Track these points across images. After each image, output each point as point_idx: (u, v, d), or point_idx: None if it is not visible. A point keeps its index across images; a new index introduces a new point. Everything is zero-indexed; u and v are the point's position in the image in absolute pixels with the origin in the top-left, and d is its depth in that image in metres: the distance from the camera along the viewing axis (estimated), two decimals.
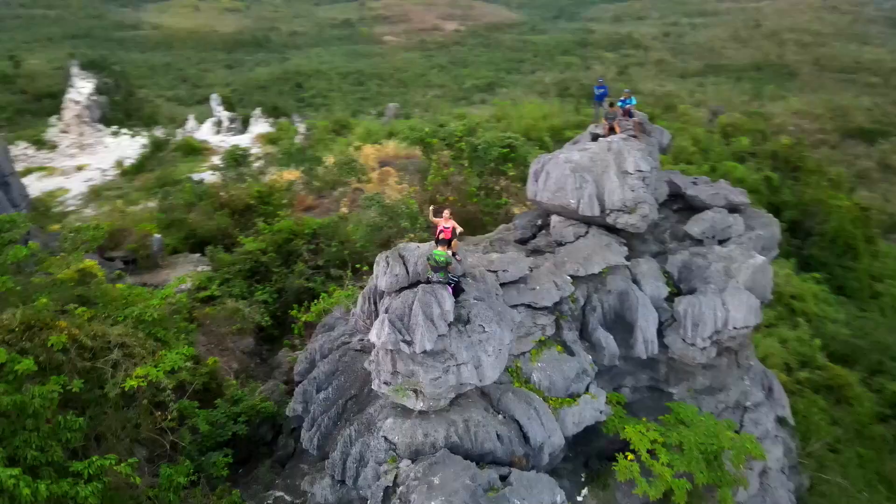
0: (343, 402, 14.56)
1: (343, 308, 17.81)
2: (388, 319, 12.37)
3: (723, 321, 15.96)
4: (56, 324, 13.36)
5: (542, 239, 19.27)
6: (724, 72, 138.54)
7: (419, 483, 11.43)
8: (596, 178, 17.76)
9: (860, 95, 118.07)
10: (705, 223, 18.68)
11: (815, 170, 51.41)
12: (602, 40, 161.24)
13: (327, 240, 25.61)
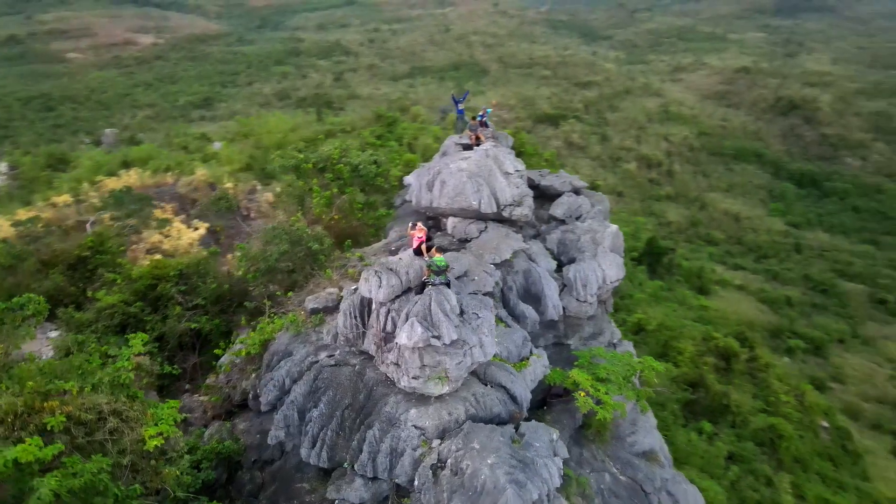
0: (341, 413, 15.55)
1: (290, 333, 18.09)
2: (416, 321, 14.26)
3: (602, 279, 20.52)
4: (47, 404, 12.35)
5: (441, 239, 21.54)
6: (429, 72, 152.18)
7: (464, 451, 13.38)
8: (487, 181, 21.05)
9: (539, 86, 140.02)
10: (564, 206, 23.10)
11: (533, 153, 61.76)
12: (312, 48, 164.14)
13: (200, 278, 23.84)
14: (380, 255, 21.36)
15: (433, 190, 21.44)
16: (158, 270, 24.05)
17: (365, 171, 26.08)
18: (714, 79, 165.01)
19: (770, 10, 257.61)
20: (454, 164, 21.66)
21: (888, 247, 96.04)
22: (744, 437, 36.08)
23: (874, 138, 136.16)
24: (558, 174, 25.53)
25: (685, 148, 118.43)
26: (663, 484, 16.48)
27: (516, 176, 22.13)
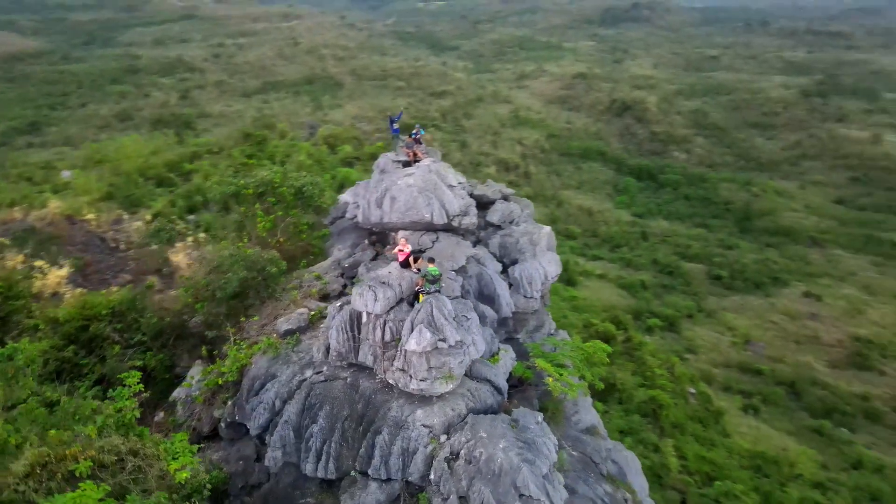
0: (341, 425, 16.16)
1: (269, 356, 18.06)
2: (423, 327, 15.40)
3: (544, 276, 22.26)
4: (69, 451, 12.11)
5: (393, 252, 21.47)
6: (282, 87, 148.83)
7: (474, 441, 14.71)
8: (435, 194, 22.11)
9: (395, 97, 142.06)
10: (499, 212, 24.47)
11: None
12: (152, 65, 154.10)
13: (137, 313, 21.94)
14: (332, 273, 21.83)
15: (383, 206, 22.15)
16: (88, 310, 22.35)
17: (310, 193, 25.89)
18: (555, 84, 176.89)
19: (597, 20, 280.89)
20: (402, 181, 22.45)
21: (717, 229, 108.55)
22: (630, 411, 39.55)
23: (695, 133, 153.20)
24: (487, 184, 26.97)
25: (538, 150, 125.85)
26: (608, 454, 18.38)
27: (460, 188, 23.69)
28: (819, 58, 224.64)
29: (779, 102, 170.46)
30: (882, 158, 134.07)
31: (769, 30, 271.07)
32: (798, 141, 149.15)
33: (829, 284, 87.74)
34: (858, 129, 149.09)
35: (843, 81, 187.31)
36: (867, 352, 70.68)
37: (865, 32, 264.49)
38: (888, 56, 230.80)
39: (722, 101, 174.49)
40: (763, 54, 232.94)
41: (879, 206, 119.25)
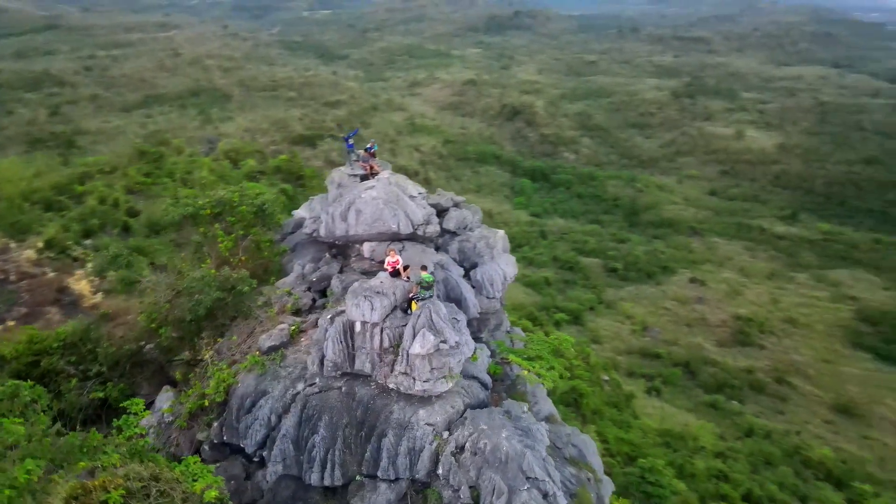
0: (342, 433, 16.59)
1: (255, 374, 18.03)
2: (426, 331, 16.20)
3: (504, 277, 23.24)
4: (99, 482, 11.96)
5: (361, 262, 22.70)
6: (166, 101, 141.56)
7: (478, 433, 15.77)
8: (399, 205, 22.64)
9: (288, 108, 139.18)
10: (455, 219, 25.06)
11: (313, 175, 61.94)
12: (14, 80, 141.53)
13: (91, 343, 20.79)
14: (298, 288, 21.73)
15: (348, 219, 22.47)
16: (37, 345, 21.02)
17: (271, 211, 25.58)
18: (447, 91, 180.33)
19: (481, 28, 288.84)
20: (365, 194, 22.74)
21: (608, 224, 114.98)
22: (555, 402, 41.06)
23: (581, 135, 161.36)
24: (438, 193, 27.54)
25: (435, 156, 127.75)
26: (568, 439, 19.46)
27: (420, 198, 24.23)
28: (685, 61, 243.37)
29: (653, 103, 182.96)
30: (745, 152, 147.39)
31: (639, 36, 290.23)
32: (673, 139, 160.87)
33: (710, 270, 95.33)
34: (723, 127, 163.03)
35: (707, 83, 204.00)
36: (748, 329, 77.58)
37: (723, 38, 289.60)
38: (743, 59, 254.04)
39: (603, 104, 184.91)
40: (636, 59, 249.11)
41: (746, 196, 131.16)
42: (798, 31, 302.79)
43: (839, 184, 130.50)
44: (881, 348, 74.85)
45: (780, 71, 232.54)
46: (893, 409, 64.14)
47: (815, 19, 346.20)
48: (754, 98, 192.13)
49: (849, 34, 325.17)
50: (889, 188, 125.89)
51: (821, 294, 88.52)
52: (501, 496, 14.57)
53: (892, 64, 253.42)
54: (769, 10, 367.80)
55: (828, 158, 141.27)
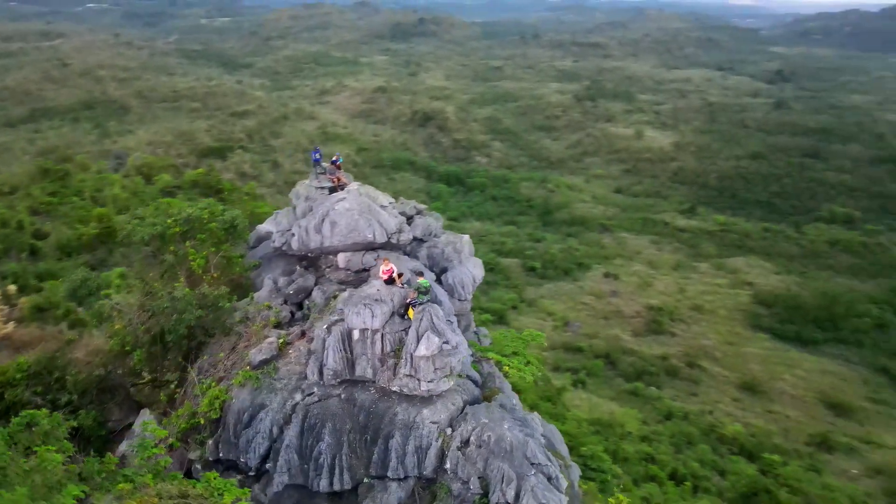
0: (346, 438, 17.06)
1: (250, 388, 18.06)
2: (430, 333, 16.98)
3: (473, 279, 23.90)
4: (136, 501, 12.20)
5: (337, 273, 22.86)
6: (55, 114, 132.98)
7: (480, 427, 16.72)
8: (373, 215, 22.93)
9: (193, 120, 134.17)
10: (421, 226, 25.47)
11: (233, 188, 59.95)
12: None
13: (59, 371, 19.89)
14: (274, 302, 21.80)
15: (323, 231, 22.62)
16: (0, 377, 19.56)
17: (242, 226, 25.29)
18: (357, 99, 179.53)
19: (387, 35, 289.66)
20: (339, 206, 22.95)
21: (524, 224, 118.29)
22: None
23: (492, 138, 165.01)
24: (401, 201, 27.55)
25: (350, 165, 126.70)
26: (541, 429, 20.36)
27: (391, 207, 24.77)
28: (584, 66, 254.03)
29: (558, 107, 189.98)
30: (646, 151, 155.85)
31: (540, 42, 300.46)
32: (578, 140, 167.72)
33: (622, 264, 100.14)
34: (624, 127, 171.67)
35: (605, 86, 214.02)
36: (660, 318, 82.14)
37: (617, 43, 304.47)
38: (637, 63, 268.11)
39: (511, 108, 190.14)
40: (538, 64, 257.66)
41: (649, 193, 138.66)
42: (684, 37, 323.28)
43: (730, 178, 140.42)
44: (777, 328, 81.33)
45: (670, 74, 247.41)
46: (791, 384, 69.84)
47: (698, 26, 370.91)
48: (650, 100, 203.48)
49: (728, 39, 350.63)
50: (773, 181, 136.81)
51: (721, 281, 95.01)
52: (511, 483, 15.63)
53: (767, 66, 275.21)
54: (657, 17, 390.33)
55: (718, 155, 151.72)
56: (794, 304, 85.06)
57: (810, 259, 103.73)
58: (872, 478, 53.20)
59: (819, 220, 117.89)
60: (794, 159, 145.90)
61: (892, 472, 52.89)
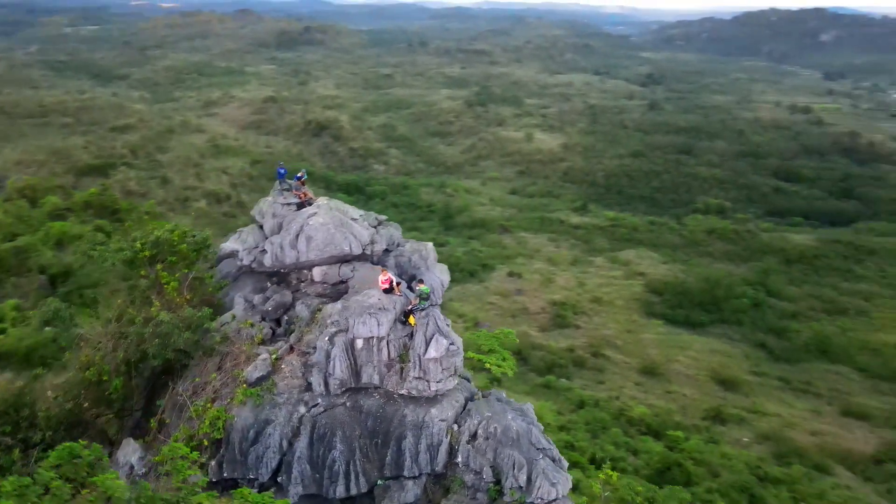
0: (357, 444, 17.69)
1: (251, 405, 18.09)
2: (438, 336, 18.17)
3: (441, 284, 24.48)
4: None
5: (314, 287, 23.24)
6: None
7: (485, 420, 18.12)
8: (347, 228, 23.41)
9: (67, 136, 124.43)
10: (384, 237, 25.63)
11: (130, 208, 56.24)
12: None
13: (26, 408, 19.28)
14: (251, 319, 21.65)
15: (298, 246, 22.86)
16: None
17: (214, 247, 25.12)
18: (246, 110, 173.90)
19: (272, 44, 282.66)
20: (313, 221, 23.38)
21: (427, 230, 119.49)
22: None
23: (388, 146, 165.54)
24: (362, 213, 27.48)
25: (246, 178, 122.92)
26: None
27: (362, 220, 25.38)
28: (472, 72, 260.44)
29: (450, 112, 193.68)
30: (536, 153, 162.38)
31: (428, 49, 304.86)
32: (472, 144, 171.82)
33: (524, 263, 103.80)
34: (515, 131, 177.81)
35: (494, 92, 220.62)
36: (563, 312, 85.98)
37: (501, 50, 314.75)
38: (521, 69, 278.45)
39: (404, 115, 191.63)
40: (428, 71, 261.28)
41: (542, 193, 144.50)
42: (563, 43, 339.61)
43: (615, 176, 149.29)
44: (668, 314, 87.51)
45: (553, 79, 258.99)
46: (685, 364, 75.45)
47: (575, 33, 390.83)
48: (536, 104, 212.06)
49: (603, 45, 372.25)
50: (653, 177, 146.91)
51: (616, 273, 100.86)
52: (522, 468, 17.16)
53: (639, 70, 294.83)
54: (537, 25, 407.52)
55: (603, 154, 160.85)
56: (681, 291, 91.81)
57: (691, 248, 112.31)
58: (762, 444, 58.60)
59: (696, 212, 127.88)
60: (670, 156, 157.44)
61: (778, 438, 58.50)
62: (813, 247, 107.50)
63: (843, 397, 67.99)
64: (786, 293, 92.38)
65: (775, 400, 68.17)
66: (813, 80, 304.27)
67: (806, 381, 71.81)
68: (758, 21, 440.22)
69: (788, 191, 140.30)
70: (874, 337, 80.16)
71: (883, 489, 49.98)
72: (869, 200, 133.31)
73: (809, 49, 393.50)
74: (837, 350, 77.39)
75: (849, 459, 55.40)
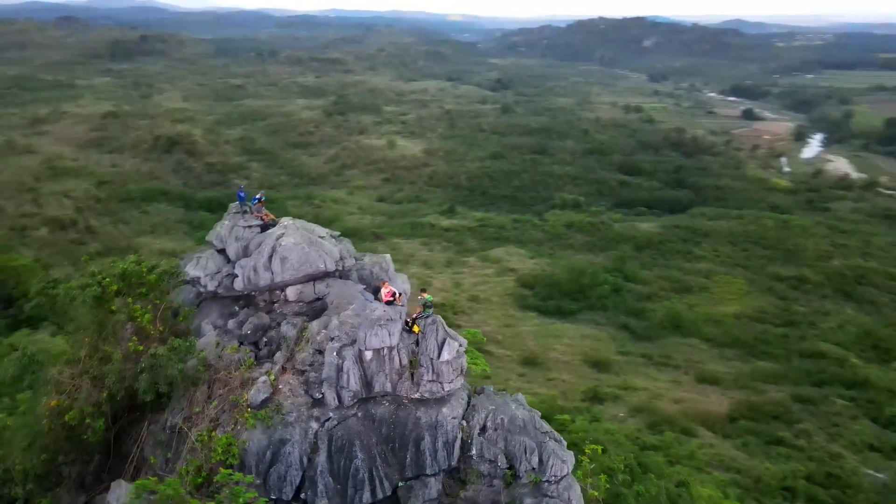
0: (377, 451, 18.42)
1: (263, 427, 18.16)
2: (449, 340, 19.33)
3: (405, 292, 24.24)
4: None
5: (289, 307, 23.24)
6: None
7: (491, 413, 19.54)
8: (319, 246, 23.64)
9: None
10: (345, 252, 25.26)
11: None
12: None
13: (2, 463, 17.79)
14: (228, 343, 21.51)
15: (273, 268, 22.86)
16: None
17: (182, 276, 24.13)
18: (83, 126, 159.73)
19: (106, 55, 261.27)
20: (284, 241, 23.36)
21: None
22: None
23: (248, 160, 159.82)
24: (325, 231, 27.35)
25: (92, 201, 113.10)
26: None
27: (328, 238, 25.54)
28: (327, 81, 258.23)
29: (310, 123, 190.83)
30: (400, 160, 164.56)
31: (279, 59, 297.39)
32: (335, 154, 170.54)
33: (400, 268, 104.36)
34: (377, 139, 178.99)
35: (352, 100, 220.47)
36: (444, 313, 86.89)
37: (354, 58, 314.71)
38: (376, 77, 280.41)
39: (262, 127, 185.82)
40: (281, 81, 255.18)
41: (410, 198, 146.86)
42: (415, 51, 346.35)
43: (478, 178, 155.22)
44: (541, 306, 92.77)
45: (408, 86, 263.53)
46: (561, 352, 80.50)
47: (425, 40, 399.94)
48: (395, 111, 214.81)
49: (453, 52, 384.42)
50: (513, 177, 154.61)
51: (489, 272, 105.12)
52: (534, 451, 18.95)
53: (488, 76, 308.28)
54: (387, 33, 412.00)
55: (464, 157, 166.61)
56: (550, 283, 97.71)
57: (554, 242, 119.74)
58: (635, 416, 64.15)
59: (554, 208, 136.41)
60: (526, 156, 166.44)
61: (649, 409, 64.32)
62: (658, 233, 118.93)
63: (696, 366, 76.01)
64: (640, 277, 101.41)
65: (642, 375, 74.79)
66: (640, 82, 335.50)
67: (665, 356, 79.35)
68: (589, 29, 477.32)
69: (632, 183, 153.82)
70: (715, 309, 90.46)
71: (739, 443, 56.80)
72: (698, 189, 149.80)
73: (634, 54, 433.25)
74: (687, 324, 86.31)
75: (708, 421, 62.24)
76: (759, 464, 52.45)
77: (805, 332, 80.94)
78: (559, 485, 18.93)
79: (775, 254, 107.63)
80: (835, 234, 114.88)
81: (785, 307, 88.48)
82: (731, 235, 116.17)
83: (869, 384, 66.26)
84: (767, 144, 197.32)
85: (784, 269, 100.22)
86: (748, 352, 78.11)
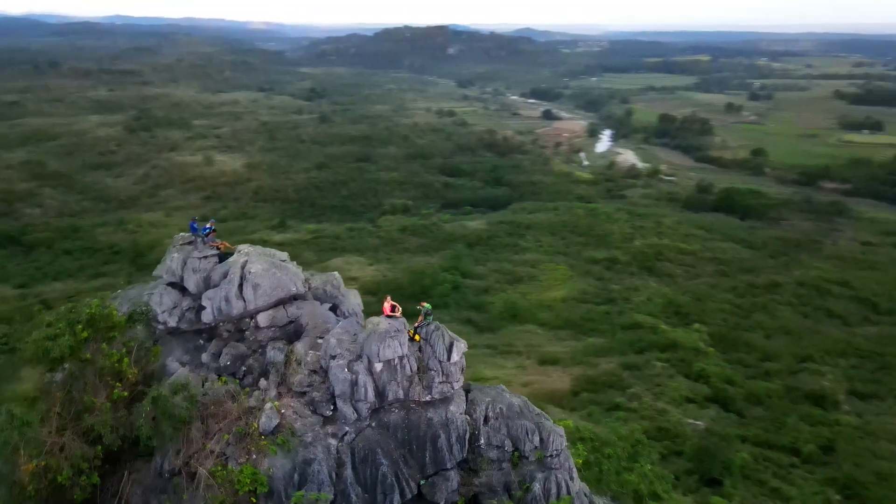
0: (398, 455, 19.50)
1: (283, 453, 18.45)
2: (457, 343, 21.15)
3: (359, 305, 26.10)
4: None
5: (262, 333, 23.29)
6: None
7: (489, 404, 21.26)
8: (286, 271, 24.34)
9: None
10: None
11: None
12: None
13: None
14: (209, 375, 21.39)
15: (245, 296, 23.03)
16: None
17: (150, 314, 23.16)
18: None
19: None
20: (252, 268, 23.82)
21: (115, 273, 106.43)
22: None
23: (39, 185, 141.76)
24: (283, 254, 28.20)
25: None
26: None
27: (289, 261, 26.10)
28: (123, 95, 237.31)
29: (110, 141, 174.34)
30: (221, 176, 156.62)
31: (62, 71, 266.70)
32: (145, 174, 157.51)
33: None
34: (191, 155, 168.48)
35: (156, 115, 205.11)
36: None
37: (152, 69, 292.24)
38: (180, 89, 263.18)
39: (51, 148, 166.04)
40: (67, 96, 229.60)
41: (237, 215, 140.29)
42: (220, 61, 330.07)
43: (305, 189, 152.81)
44: None
45: (217, 98, 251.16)
46: None
47: (228, 49, 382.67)
48: (206, 125, 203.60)
49: (260, 61, 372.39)
50: (341, 186, 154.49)
51: None
52: (534, 432, 21.02)
53: (301, 85, 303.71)
54: (185, 42, 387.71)
55: (289, 170, 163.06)
56: (394, 287, 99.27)
57: (390, 247, 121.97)
58: None
59: (385, 213, 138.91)
60: (351, 165, 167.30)
61: None
62: (485, 230, 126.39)
63: (537, 350, 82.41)
64: (475, 272, 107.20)
65: (490, 365, 79.30)
66: (449, 87, 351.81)
67: (508, 344, 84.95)
68: (396, 37, 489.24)
69: (455, 185, 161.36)
70: (545, 295, 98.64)
71: (585, 414, 62.91)
72: (515, 185, 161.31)
73: (441, 61, 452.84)
74: (523, 312, 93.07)
75: (555, 398, 68.00)
76: (605, 430, 58.84)
77: (622, 307, 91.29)
78: (560, 457, 21.11)
79: (589, 239, 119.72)
80: (633, 218, 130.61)
81: (603, 287, 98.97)
82: (549, 226, 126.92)
83: (678, 345, 76.76)
84: (567, 141, 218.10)
85: (597, 253, 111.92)
86: (579, 331, 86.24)
